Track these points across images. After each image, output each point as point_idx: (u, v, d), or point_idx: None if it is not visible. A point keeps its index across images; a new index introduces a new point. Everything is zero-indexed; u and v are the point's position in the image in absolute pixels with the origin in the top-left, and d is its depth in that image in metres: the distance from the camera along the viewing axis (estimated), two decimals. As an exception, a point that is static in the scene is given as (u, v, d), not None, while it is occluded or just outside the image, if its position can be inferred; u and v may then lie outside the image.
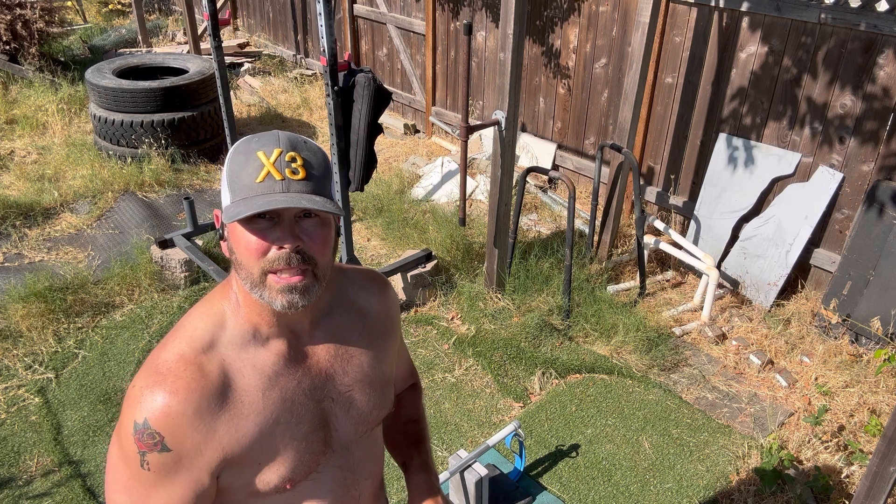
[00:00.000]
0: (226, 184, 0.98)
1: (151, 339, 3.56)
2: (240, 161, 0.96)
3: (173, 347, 1.01)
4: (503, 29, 3.11)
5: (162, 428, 0.96)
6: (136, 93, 5.01)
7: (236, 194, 0.96)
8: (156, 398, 0.96)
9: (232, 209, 0.94)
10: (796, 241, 3.65)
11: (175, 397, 0.96)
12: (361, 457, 1.21)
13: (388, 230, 4.48)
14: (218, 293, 1.07)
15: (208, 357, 1.01)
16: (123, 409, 1.00)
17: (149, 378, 0.98)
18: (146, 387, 0.98)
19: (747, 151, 3.83)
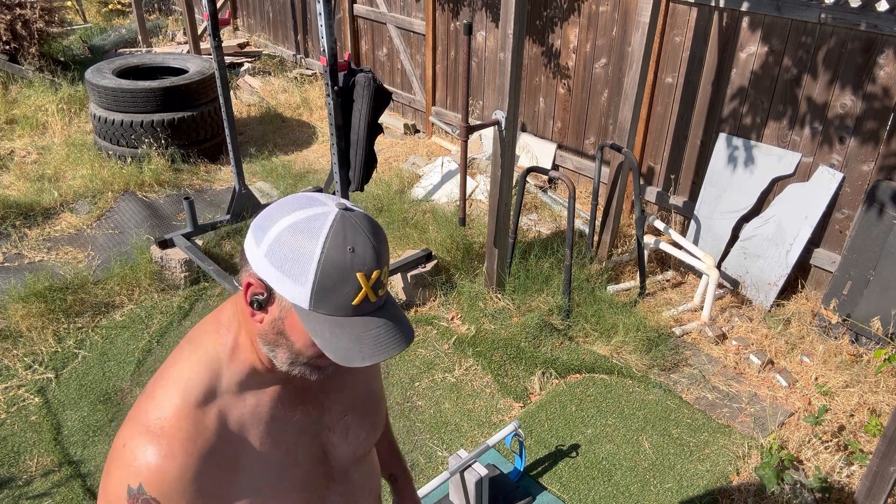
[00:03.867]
0: (304, 279, 0.86)
1: (151, 339, 3.56)
2: (334, 277, 0.86)
3: (165, 401, 0.92)
4: (503, 29, 3.11)
5: (159, 495, 0.89)
6: (135, 93, 5.01)
7: (323, 305, 0.87)
8: (149, 461, 0.89)
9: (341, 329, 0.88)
10: (796, 240, 3.65)
11: (173, 462, 0.89)
12: (361, 478, 1.19)
13: (388, 230, 4.48)
14: (208, 336, 0.98)
15: (205, 410, 0.93)
16: (111, 466, 0.91)
17: (142, 438, 0.90)
18: (138, 448, 0.90)
19: (747, 151, 3.83)
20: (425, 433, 3.03)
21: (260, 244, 0.89)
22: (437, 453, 2.92)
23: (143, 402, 0.94)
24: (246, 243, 0.92)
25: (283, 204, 0.92)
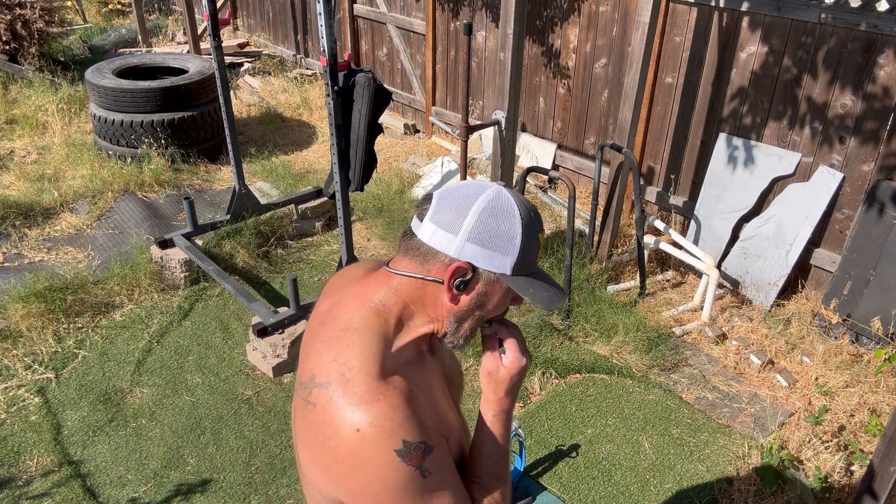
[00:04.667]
0: (496, 245, 1.02)
1: (151, 339, 3.56)
2: (529, 241, 1.04)
3: (362, 380, 0.98)
4: (503, 29, 3.11)
5: (419, 434, 0.97)
6: (135, 93, 5.01)
7: (522, 268, 1.05)
8: (394, 419, 0.95)
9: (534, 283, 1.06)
10: (796, 241, 3.65)
11: (406, 405, 0.98)
12: None
13: (388, 230, 4.47)
14: (371, 320, 1.05)
15: (389, 381, 1.00)
16: (361, 461, 0.95)
17: (369, 413, 0.95)
18: (375, 420, 0.95)
19: (747, 151, 3.83)
20: (425, 433, 3.02)
21: (458, 234, 1.02)
22: (437, 453, 2.92)
23: (339, 394, 0.97)
24: (434, 241, 1.03)
25: (458, 196, 1.04)
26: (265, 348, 3.29)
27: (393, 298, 1.07)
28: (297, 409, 1.05)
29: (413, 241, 1.07)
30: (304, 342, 1.14)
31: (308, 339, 1.13)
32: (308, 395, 1.01)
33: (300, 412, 1.03)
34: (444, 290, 1.04)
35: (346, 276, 1.20)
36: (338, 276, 1.23)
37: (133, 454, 2.88)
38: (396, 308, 1.07)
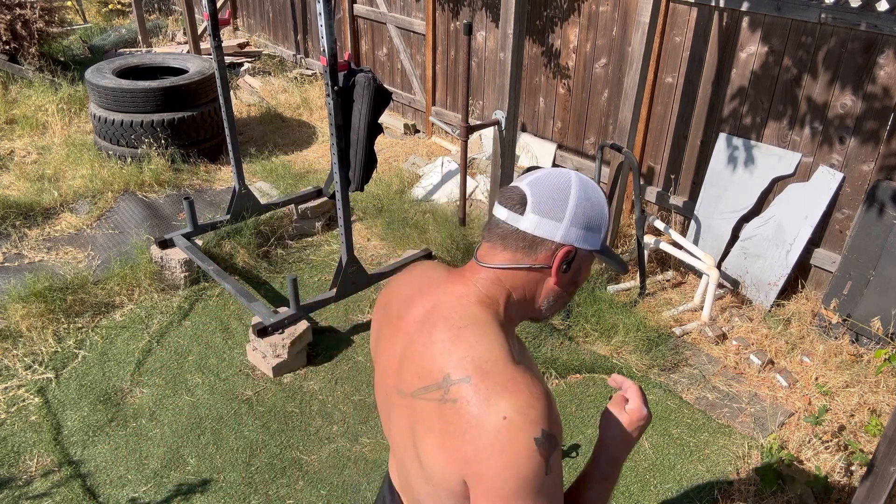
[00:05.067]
0: (593, 224, 1.13)
1: (151, 339, 3.56)
2: (608, 217, 1.17)
3: (499, 366, 1.02)
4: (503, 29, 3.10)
5: (553, 426, 1.00)
6: (135, 93, 5.01)
7: (605, 241, 1.17)
8: (536, 408, 0.98)
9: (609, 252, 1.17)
10: (796, 241, 3.65)
11: (544, 395, 1.01)
12: None
13: (388, 230, 4.48)
14: (484, 313, 1.10)
15: (520, 366, 1.06)
16: (502, 446, 0.96)
17: (515, 401, 0.98)
18: (521, 408, 0.97)
19: (747, 151, 3.83)
20: (425, 433, 3.02)
21: (562, 220, 1.10)
22: (437, 453, 2.92)
23: (482, 386, 1.00)
24: (541, 231, 1.10)
25: (551, 185, 1.11)
26: (265, 348, 3.29)
27: (496, 290, 1.13)
28: (425, 410, 1.05)
29: (513, 232, 1.12)
30: (406, 350, 1.14)
31: (411, 344, 1.13)
32: (446, 393, 1.02)
33: (435, 412, 1.03)
34: (552, 273, 1.12)
35: (428, 278, 1.22)
36: (411, 281, 1.24)
37: (133, 454, 2.89)
38: (502, 298, 1.13)
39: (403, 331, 1.16)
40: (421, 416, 1.06)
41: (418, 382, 1.08)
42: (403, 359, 1.14)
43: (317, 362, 3.44)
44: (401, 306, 1.20)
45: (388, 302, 1.25)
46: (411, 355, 1.12)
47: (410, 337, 1.14)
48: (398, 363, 1.15)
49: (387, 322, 1.22)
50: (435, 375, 1.05)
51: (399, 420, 1.15)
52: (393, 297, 1.24)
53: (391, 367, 1.17)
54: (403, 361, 1.13)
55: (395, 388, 1.15)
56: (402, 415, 1.13)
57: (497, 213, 1.14)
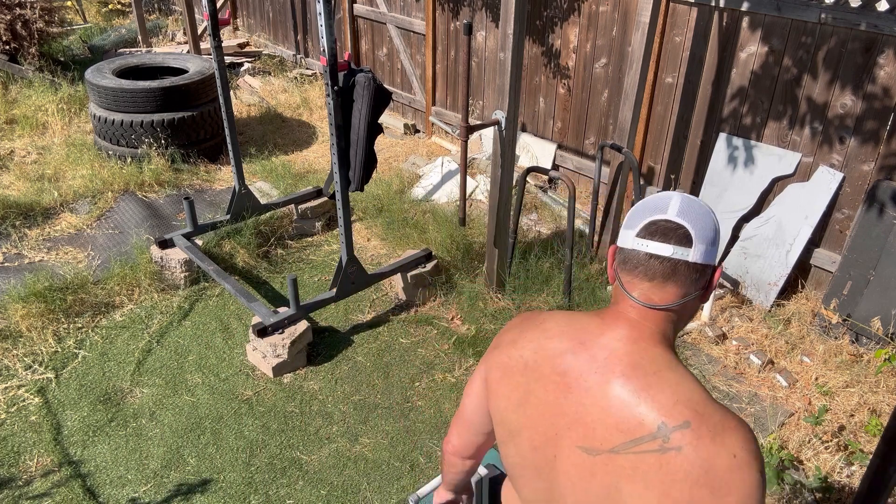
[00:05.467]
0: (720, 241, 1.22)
1: (151, 339, 3.56)
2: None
3: (712, 409, 1.04)
4: (503, 29, 3.11)
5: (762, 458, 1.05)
6: (136, 93, 5.01)
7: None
8: (754, 442, 1.03)
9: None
10: (796, 241, 3.65)
11: (750, 429, 1.05)
12: None
13: (388, 230, 4.47)
14: (673, 357, 1.12)
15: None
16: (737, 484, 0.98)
17: (738, 438, 1.01)
18: (744, 444, 1.01)
19: (747, 151, 3.83)
20: (425, 433, 3.03)
21: (717, 243, 1.15)
22: (437, 453, 2.92)
23: (704, 429, 1.01)
24: (707, 258, 1.13)
25: (700, 212, 1.14)
26: (265, 348, 3.29)
27: (668, 326, 1.15)
28: (639, 464, 1.03)
29: (683, 265, 1.12)
30: (584, 406, 1.11)
31: (592, 399, 1.10)
32: (665, 441, 1.01)
33: (654, 464, 1.01)
34: (706, 293, 1.16)
35: (578, 329, 1.18)
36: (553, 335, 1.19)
37: (133, 454, 2.89)
38: (671, 331, 1.15)
39: (574, 387, 1.12)
40: (630, 471, 1.04)
41: (621, 437, 1.05)
42: (583, 416, 1.10)
43: (317, 362, 3.44)
44: (557, 362, 1.15)
45: (526, 362, 1.19)
46: (597, 411, 1.09)
47: (588, 391, 1.10)
48: (573, 422, 1.11)
49: (539, 382, 1.16)
50: (646, 426, 1.03)
51: (589, 480, 1.10)
52: (538, 354, 1.18)
53: (561, 427, 1.13)
54: (584, 419, 1.10)
55: (579, 446, 1.10)
56: (595, 473, 1.09)
57: (657, 251, 1.12)
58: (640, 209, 1.19)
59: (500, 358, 1.24)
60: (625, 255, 1.17)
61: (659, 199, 1.18)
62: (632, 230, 1.18)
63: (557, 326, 1.20)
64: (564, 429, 1.12)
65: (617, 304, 1.18)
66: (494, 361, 1.26)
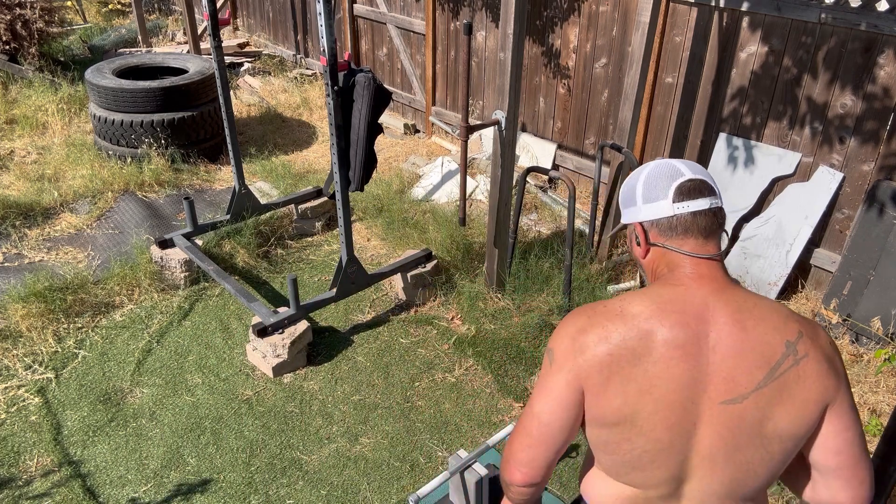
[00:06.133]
0: None
1: (151, 339, 3.56)
2: None
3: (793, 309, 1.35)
4: (503, 29, 3.11)
5: None
6: (136, 93, 5.01)
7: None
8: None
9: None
10: (796, 240, 3.65)
11: None
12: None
13: (388, 230, 4.47)
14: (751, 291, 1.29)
15: None
16: (839, 354, 1.23)
17: (814, 321, 1.27)
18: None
19: (747, 151, 3.83)
20: (425, 433, 3.03)
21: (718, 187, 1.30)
22: (437, 453, 2.92)
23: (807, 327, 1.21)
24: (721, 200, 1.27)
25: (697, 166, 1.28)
26: (265, 348, 3.29)
27: (724, 268, 1.28)
28: (779, 387, 1.16)
29: (720, 211, 1.25)
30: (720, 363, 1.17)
31: (726, 352, 1.18)
32: (795, 355, 1.17)
33: (792, 378, 1.16)
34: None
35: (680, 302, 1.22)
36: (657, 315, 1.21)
37: (133, 454, 2.89)
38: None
39: (697, 352, 1.18)
40: (777, 395, 1.16)
41: (762, 371, 1.16)
42: (718, 373, 1.17)
43: (317, 362, 3.44)
44: (668, 338, 1.18)
45: (633, 350, 1.19)
46: (731, 362, 1.17)
47: (714, 349, 1.18)
48: (709, 383, 1.18)
49: (658, 363, 1.18)
50: (778, 350, 1.17)
51: (739, 427, 1.18)
52: (643, 339, 1.19)
53: (697, 394, 1.18)
54: (720, 375, 1.17)
55: (723, 402, 1.17)
56: (743, 418, 1.17)
57: (699, 207, 1.23)
58: (653, 180, 1.27)
59: (596, 359, 1.20)
60: (668, 223, 1.25)
61: (665, 166, 1.28)
62: (664, 199, 1.25)
63: (646, 308, 1.21)
64: (701, 393, 1.18)
65: (678, 269, 1.24)
66: (588, 365, 1.21)
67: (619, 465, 1.29)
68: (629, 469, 1.28)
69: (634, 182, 1.32)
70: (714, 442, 1.20)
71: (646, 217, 1.28)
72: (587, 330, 1.23)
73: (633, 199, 1.32)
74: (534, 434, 1.26)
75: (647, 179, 1.28)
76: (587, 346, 1.21)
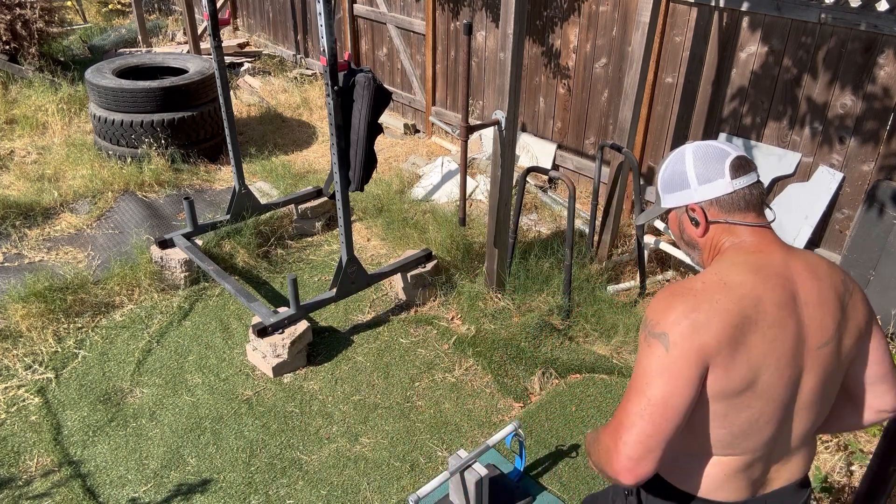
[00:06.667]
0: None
1: (151, 339, 3.56)
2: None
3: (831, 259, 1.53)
4: (503, 29, 3.11)
5: None
6: (136, 93, 5.01)
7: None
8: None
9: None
10: (797, 240, 3.65)
11: None
12: None
13: (388, 230, 4.48)
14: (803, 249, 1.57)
15: None
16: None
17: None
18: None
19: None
20: (425, 433, 3.03)
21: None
22: (437, 453, 2.92)
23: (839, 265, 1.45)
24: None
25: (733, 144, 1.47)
26: (265, 348, 3.29)
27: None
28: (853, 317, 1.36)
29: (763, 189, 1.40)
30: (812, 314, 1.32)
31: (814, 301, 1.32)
32: (849, 289, 1.37)
33: (850, 308, 1.36)
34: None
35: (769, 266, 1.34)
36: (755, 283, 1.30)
37: (133, 454, 2.89)
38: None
39: (795, 310, 1.30)
40: (843, 331, 1.34)
41: (839, 311, 1.34)
42: (814, 323, 1.31)
43: (317, 362, 3.44)
44: (771, 302, 1.28)
45: (748, 318, 1.25)
46: (820, 312, 1.32)
47: (806, 304, 1.32)
48: (808, 334, 1.31)
49: (773, 327, 1.27)
50: (840, 291, 1.35)
51: (836, 363, 1.35)
52: (754, 306, 1.26)
53: (801, 346, 1.30)
54: (815, 324, 1.32)
55: (819, 347, 1.32)
56: (835, 353, 1.34)
57: (751, 180, 1.36)
58: (706, 161, 1.37)
59: (721, 333, 1.23)
60: (730, 199, 1.36)
61: (711, 147, 1.39)
62: (721, 178, 1.36)
63: (746, 277, 1.29)
64: (803, 345, 1.30)
65: (745, 240, 1.36)
66: (715, 341, 1.23)
67: (730, 437, 1.32)
68: (743, 437, 1.32)
69: (681, 167, 1.40)
70: (815, 386, 1.33)
71: (703, 197, 1.37)
72: (699, 308, 1.24)
73: (685, 181, 1.39)
74: (658, 421, 1.23)
75: (698, 161, 1.38)
76: (707, 323, 1.23)
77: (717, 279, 1.28)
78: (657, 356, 1.25)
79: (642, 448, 1.23)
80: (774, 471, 1.42)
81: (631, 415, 1.25)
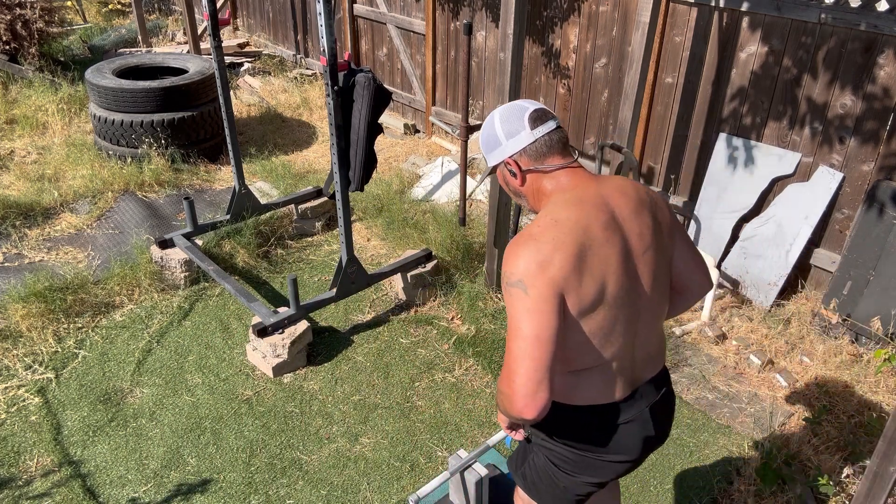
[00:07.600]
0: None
1: (151, 339, 3.56)
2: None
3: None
4: (503, 29, 3.11)
5: None
6: (136, 93, 5.01)
7: None
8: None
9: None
10: (796, 241, 3.65)
11: None
12: None
13: (388, 230, 4.48)
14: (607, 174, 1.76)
15: None
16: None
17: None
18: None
19: (747, 151, 3.83)
20: (425, 433, 3.03)
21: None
22: (437, 453, 2.92)
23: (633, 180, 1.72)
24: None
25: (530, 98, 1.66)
26: (265, 348, 3.30)
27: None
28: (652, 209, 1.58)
29: (566, 133, 1.58)
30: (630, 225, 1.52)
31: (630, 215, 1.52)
32: (650, 194, 1.61)
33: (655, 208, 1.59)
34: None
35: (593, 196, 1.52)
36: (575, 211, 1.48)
37: (133, 454, 2.89)
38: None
39: (616, 227, 1.48)
40: (656, 229, 1.56)
41: (649, 217, 1.55)
42: (633, 233, 1.51)
43: (317, 362, 3.44)
44: (596, 225, 1.46)
45: (582, 245, 1.42)
46: (635, 222, 1.52)
47: (625, 220, 1.51)
48: (632, 243, 1.50)
49: (603, 245, 1.45)
50: (644, 198, 1.57)
51: (661, 258, 1.57)
52: (583, 234, 1.43)
53: (629, 253, 1.50)
54: (634, 233, 1.51)
55: (643, 252, 1.52)
56: (657, 250, 1.55)
57: (552, 126, 1.53)
58: (508, 119, 1.54)
59: (565, 263, 1.40)
60: (534, 148, 1.53)
61: (512, 106, 1.56)
62: (523, 130, 1.52)
63: (571, 211, 1.46)
64: (630, 253, 1.50)
65: (560, 180, 1.53)
66: (562, 271, 1.39)
67: (599, 346, 1.50)
68: (608, 344, 1.50)
69: (491, 129, 1.57)
70: (650, 285, 1.54)
71: (513, 150, 1.54)
72: (541, 249, 1.41)
73: (497, 140, 1.56)
74: (537, 354, 1.37)
75: (504, 121, 1.54)
76: (551, 259, 1.39)
77: (549, 219, 1.44)
78: (520, 301, 1.39)
79: (533, 383, 1.37)
80: (642, 364, 1.63)
81: (515, 359, 1.39)
